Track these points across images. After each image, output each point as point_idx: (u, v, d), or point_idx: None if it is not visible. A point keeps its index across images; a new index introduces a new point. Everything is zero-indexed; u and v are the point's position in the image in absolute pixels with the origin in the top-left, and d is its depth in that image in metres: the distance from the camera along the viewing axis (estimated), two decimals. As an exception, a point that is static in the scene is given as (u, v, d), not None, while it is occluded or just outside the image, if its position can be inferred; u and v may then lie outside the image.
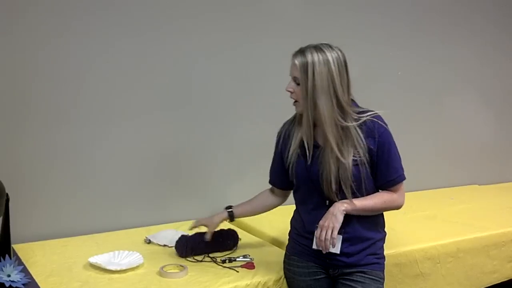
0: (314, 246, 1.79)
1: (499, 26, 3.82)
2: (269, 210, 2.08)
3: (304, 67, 1.68)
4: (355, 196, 1.75)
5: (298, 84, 1.72)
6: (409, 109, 3.44)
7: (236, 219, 2.60)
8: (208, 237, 2.09)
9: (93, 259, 1.96)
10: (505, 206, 3.11)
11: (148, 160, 2.58)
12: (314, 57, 1.67)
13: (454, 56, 3.61)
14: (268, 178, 2.02)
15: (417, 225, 2.67)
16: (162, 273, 1.90)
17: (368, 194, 1.78)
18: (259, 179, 2.06)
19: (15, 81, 2.24)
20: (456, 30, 3.59)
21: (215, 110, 2.73)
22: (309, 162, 1.79)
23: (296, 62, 1.70)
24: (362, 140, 1.72)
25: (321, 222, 1.75)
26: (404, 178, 1.80)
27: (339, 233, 1.73)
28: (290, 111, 1.84)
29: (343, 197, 1.75)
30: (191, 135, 2.68)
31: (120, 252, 2.05)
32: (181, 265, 1.97)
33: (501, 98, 3.90)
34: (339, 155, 1.71)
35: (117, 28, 2.42)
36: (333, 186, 1.73)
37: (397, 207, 1.83)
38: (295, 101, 1.78)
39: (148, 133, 2.57)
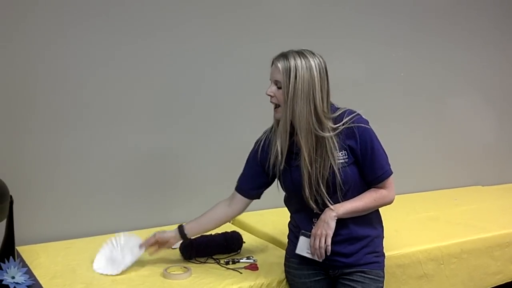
0: (298, 251, 1.79)
1: (501, 27, 3.81)
2: (225, 223, 2.00)
3: (287, 70, 1.67)
4: (330, 204, 1.73)
5: (279, 88, 1.71)
6: (412, 110, 3.44)
7: (238, 221, 2.61)
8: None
9: (96, 266, 1.95)
10: (508, 207, 3.10)
11: (151, 163, 2.58)
12: (297, 62, 1.66)
13: (456, 56, 3.61)
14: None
15: (421, 226, 2.67)
16: (165, 274, 1.90)
17: (351, 197, 1.76)
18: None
19: (18, 84, 2.25)
20: (457, 31, 3.59)
21: (216, 112, 2.74)
22: (281, 167, 1.77)
23: (279, 65, 1.69)
24: (336, 150, 1.70)
25: (313, 231, 1.75)
26: (391, 173, 1.79)
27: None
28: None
29: (322, 204, 1.74)
30: (192, 137, 2.68)
31: (117, 239, 2.01)
32: (184, 267, 1.97)
33: (503, 99, 3.89)
34: (310, 163, 1.70)
35: (118, 31, 2.43)
36: (307, 193, 1.73)
37: (389, 203, 1.82)
38: (276, 107, 1.75)
39: (150, 136, 2.57)
